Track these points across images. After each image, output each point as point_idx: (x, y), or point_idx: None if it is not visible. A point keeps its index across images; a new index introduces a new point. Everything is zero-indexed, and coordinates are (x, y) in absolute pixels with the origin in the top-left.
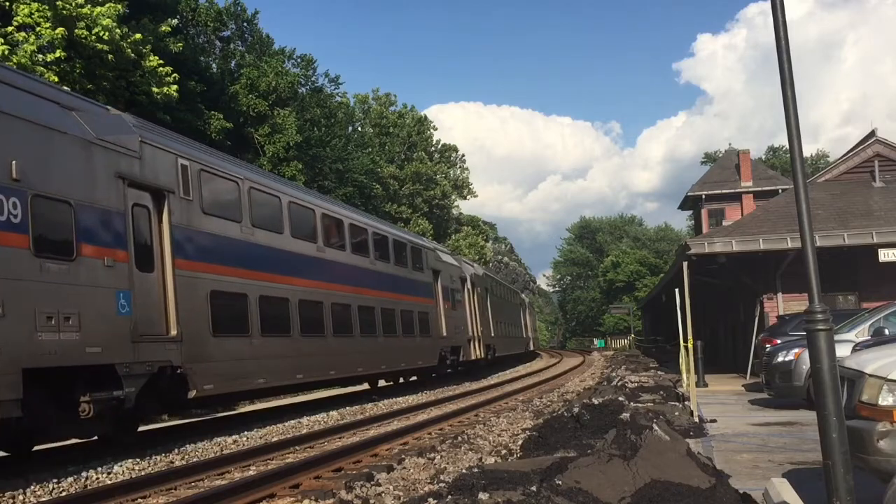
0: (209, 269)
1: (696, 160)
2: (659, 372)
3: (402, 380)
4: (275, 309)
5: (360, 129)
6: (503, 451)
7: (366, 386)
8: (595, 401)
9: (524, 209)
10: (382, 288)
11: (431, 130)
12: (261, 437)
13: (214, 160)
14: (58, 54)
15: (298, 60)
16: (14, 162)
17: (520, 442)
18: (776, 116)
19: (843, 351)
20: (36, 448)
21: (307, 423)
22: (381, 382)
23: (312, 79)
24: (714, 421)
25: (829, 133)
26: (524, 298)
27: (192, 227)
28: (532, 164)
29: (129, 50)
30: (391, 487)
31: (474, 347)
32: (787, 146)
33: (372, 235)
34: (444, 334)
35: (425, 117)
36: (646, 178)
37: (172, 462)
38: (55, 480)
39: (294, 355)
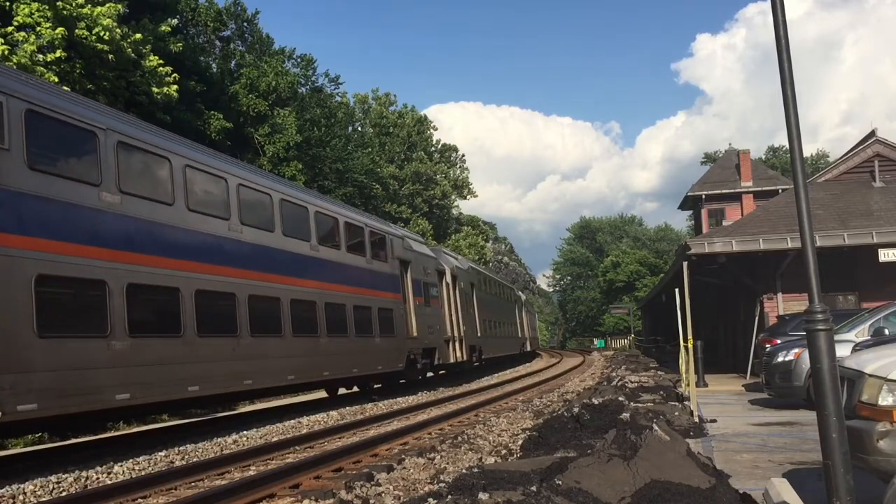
0: (35, 246)
1: (695, 160)
2: (659, 372)
3: (366, 387)
4: (155, 302)
5: (360, 129)
6: (503, 451)
7: (316, 395)
8: (595, 401)
9: (523, 209)
10: (328, 279)
11: (431, 130)
12: (261, 437)
13: (56, 101)
14: (58, 54)
15: (298, 60)
16: None
17: (520, 442)
18: (776, 116)
19: (843, 351)
20: (35, 448)
21: (307, 423)
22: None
23: (312, 79)
24: (714, 421)
25: (827, 133)
26: (520, 295)
27: (5, 186)
28: (531, 164)
29: (129, 50)
30: (391, 487)
31: (454, 349)
32: (787, 146)
33: (314, 215)
34: (415, 334)
35: (425, 117)
36: (645, 178)
37: (172, 462)
38: (55, 480)
39: (186, 361)
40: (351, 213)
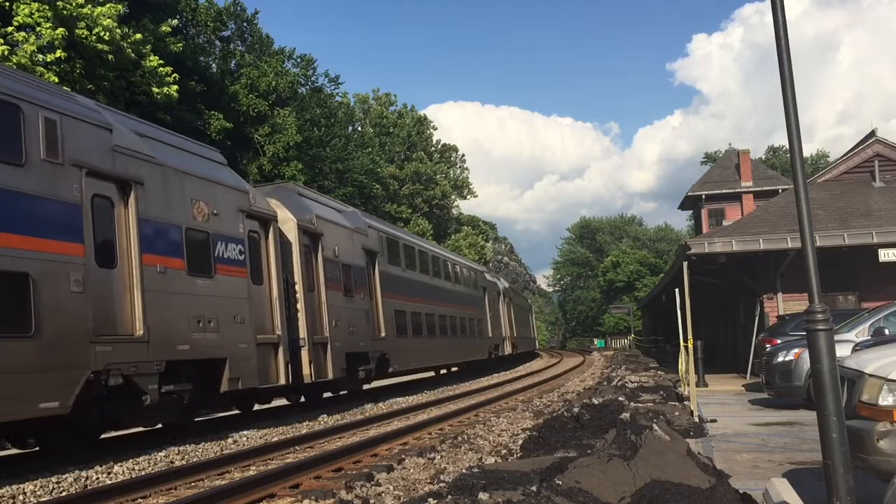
0: None
1: (691, 160)
2: (659, 372)
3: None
4: None
5: (360, 129)
6: (503, 451)
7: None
8: (595, 401)
9: (520, 209)
10: None
11: (431, 130)
12: (261, 437)
13: None
14: (58, 54)
15: (298, 60)
16: None
17: (520, 442)
18: (772, 116)
19: (843, 351)
20: (35, 448)
21: (307, 424)
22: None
23: (312, 79)
24: (714, 421)
25: (823, 133)
26: (495, 282)
27: None
28: (529, 163)
29: (130, 50)
30: (391, 487)
31: (294, 363)
32: (787, 146)
33: None
34: (139, 332)
35: (425, 117)
36: (641, 177)
37: (172, 462)
38: (55, 480)
39: None
40: None
